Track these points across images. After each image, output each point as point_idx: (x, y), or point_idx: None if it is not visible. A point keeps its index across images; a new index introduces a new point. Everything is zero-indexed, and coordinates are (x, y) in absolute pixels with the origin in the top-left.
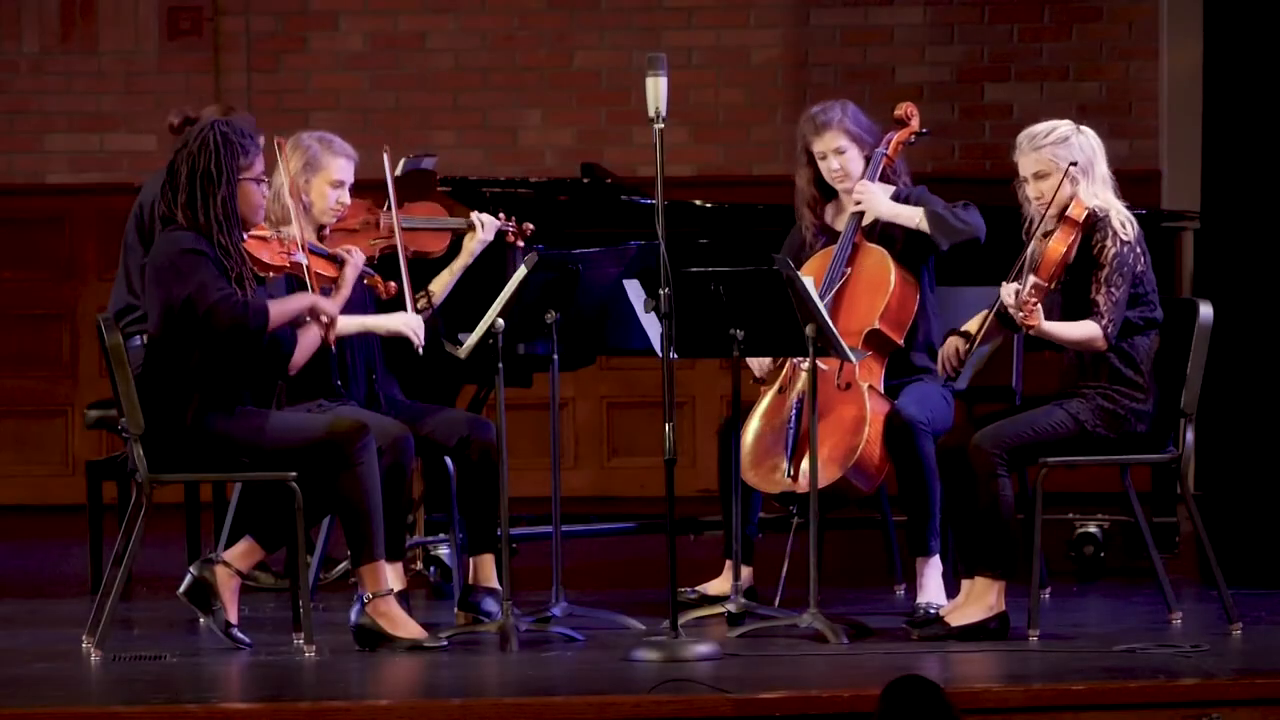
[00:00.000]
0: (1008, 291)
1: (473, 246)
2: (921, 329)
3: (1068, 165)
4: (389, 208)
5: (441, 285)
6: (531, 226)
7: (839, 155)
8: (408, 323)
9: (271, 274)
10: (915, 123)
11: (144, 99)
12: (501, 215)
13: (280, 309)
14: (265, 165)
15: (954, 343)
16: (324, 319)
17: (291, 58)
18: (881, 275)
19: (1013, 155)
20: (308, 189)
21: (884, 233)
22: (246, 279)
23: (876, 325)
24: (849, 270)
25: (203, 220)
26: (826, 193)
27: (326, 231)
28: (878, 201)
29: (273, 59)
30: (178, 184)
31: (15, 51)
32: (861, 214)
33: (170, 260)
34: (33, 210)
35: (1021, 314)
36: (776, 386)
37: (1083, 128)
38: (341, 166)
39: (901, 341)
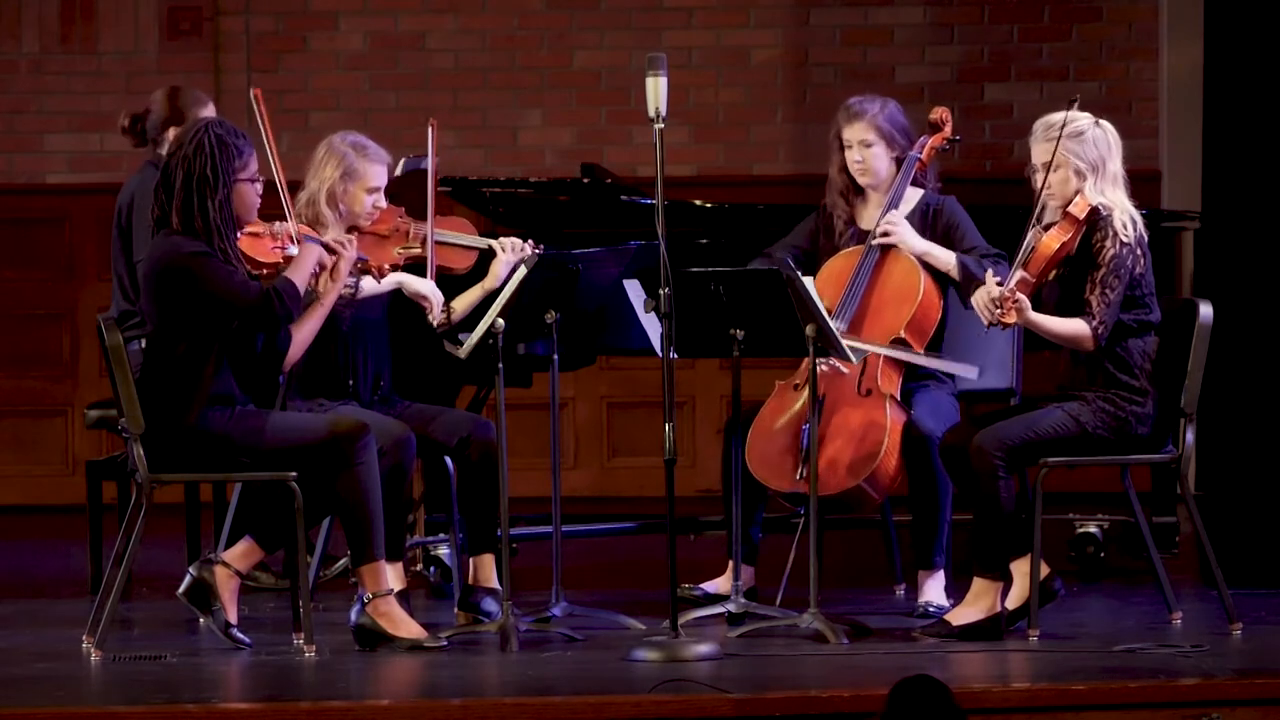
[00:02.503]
0: (992, 284)
1: (500, 270)
2: (940, 336)
3: (1074, 161)
4: (404, 211)
5: (464, 304)
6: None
7: (865, 148)
8: (433, 290)
9: (265, 270)
10: (949, 128)
11: (144, 99)
12: (530, 242)
13: (299, 276)
14: (260, 163)
15: (985, 290)
16: (329, 262)
17: (291, 58)
18: (910, 284)
19: (1029, 141)
20: (345, 197)
21: None
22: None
23: (901, 334)
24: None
25: (200, 225)
26: (857, 184)
27: (355, 235)
28: (911, 239)
29: (273, 59)
30: (172, 187)
31: (15, 51)
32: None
33: (178, 265)
34: (33, 210)
35: (999, 311)
36: (792, 383)
37: (1101, 122)
38: (378, 173)
39: (923, 351)
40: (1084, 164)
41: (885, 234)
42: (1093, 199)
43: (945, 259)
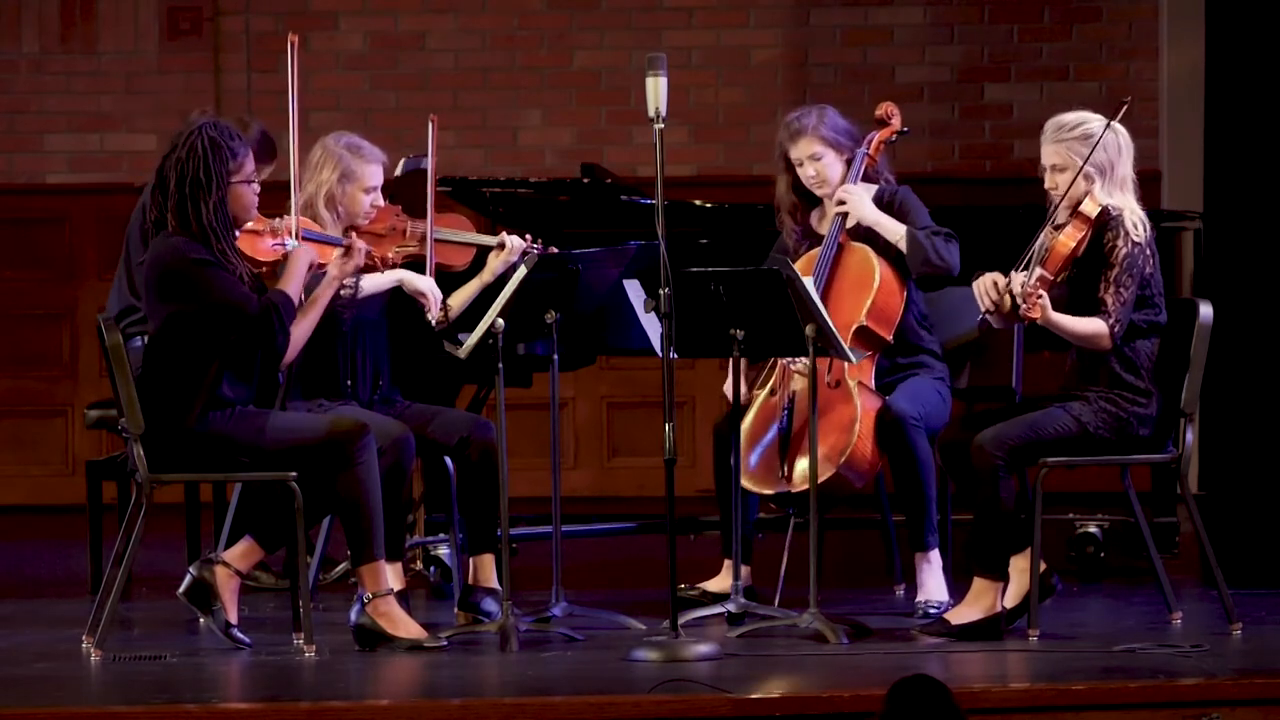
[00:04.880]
0: (1015, 282)
1: (496, 265)
2: (910, 324)
3: (1084, 163)
4: (402, 209)
5: (461, 300)
6: (556, 250)
7: (815, 161)
8: (432, 288)
9: (265, 268)
10: (896, 122)
11: (144, 99)
12: (528, 237)
13: (291, 285)
14: (257, 165)
15: (990, 276)
16: (317, 260)
17: None
18: (866, 272)
19: (1040, 139)
20: (344, 199)
21: (869, 229)
22: (246, 282)
23: (864, 322)
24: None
25: (195, 228)
26: (809, 197)
27: (351, 234)
28: (862, 206)
29: (273, 59)
30: (168, 190)
31: (15, 51)
32: (845, 215)
33: (180, 270)
34: (33, 210)
35: (1025, 306)
36: (768, 389)
37: (1114, 124)
38: (374, 173)
39: (891, 338)
40: (1092, 166)
41: (841, 201)
42: (1102, 200)
43: (894, 230)
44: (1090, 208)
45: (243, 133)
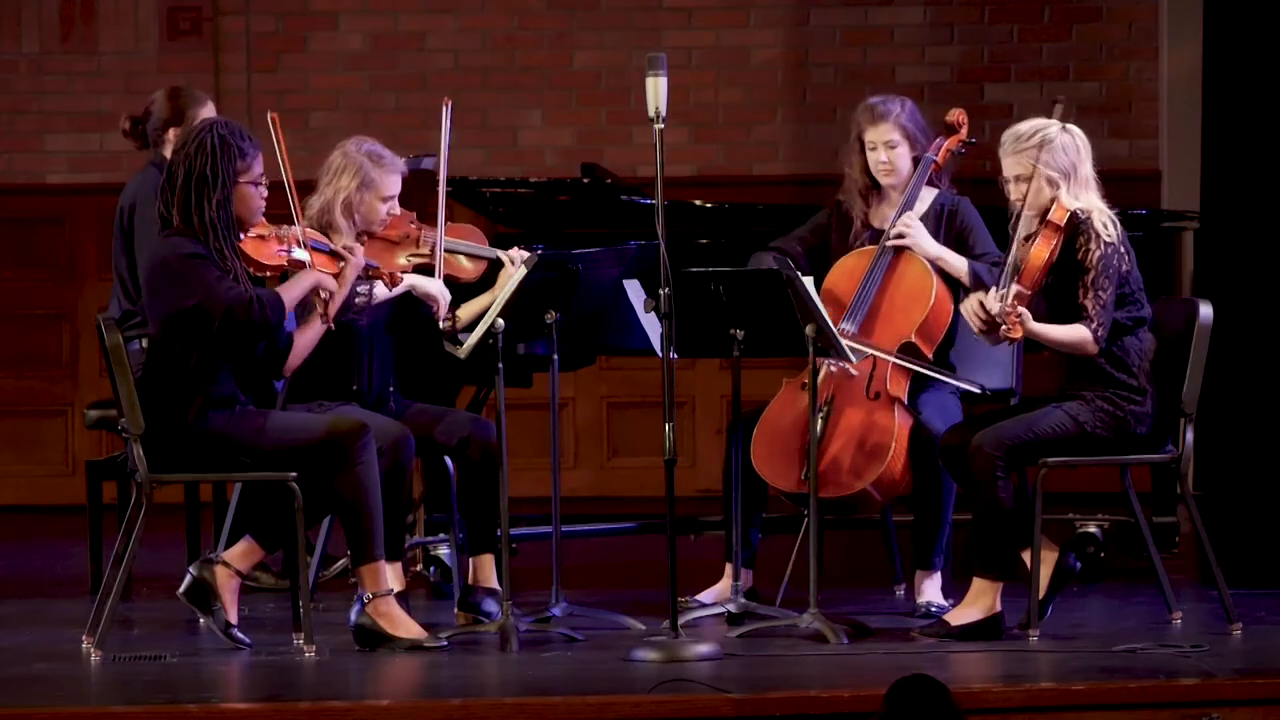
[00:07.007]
0: (991, 301)
1: (505, 279)
2: (950, 341)
3: (1045, 170)
4: (415, 219)
5: (470, 312)
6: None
7: (890, 149)
8: (442, 291)
9: (270, 273)
10: (965, 130)
11: (144, 99)
12: (539, 249)
13: (289, 293)
14: (265, 166)
15: (976, 297)
16: (324, 295)
17: (291, 58)
18: (923, 288)
19: (999, 153)
20: (362, 207)
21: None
22: (241, 281)
23: (912, 338)
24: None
25: (197, 224)
26: (875, 184)
27: (364, 239)
28: (926, 242)
29: (273, 59)
30: (174, 186)
31: (15, 51)
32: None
33: (171, 267)
34: (33, 210)
35: (1005, 327)
36: (800, 380)
37: (1069, 126)
38: (394, 182)
39: (931, 355)
40: (1055, 172)
41: (900, 235)
42: (1069, 205)
43: (958, 265)
44: (1059, 214)
45: (196, 103)
